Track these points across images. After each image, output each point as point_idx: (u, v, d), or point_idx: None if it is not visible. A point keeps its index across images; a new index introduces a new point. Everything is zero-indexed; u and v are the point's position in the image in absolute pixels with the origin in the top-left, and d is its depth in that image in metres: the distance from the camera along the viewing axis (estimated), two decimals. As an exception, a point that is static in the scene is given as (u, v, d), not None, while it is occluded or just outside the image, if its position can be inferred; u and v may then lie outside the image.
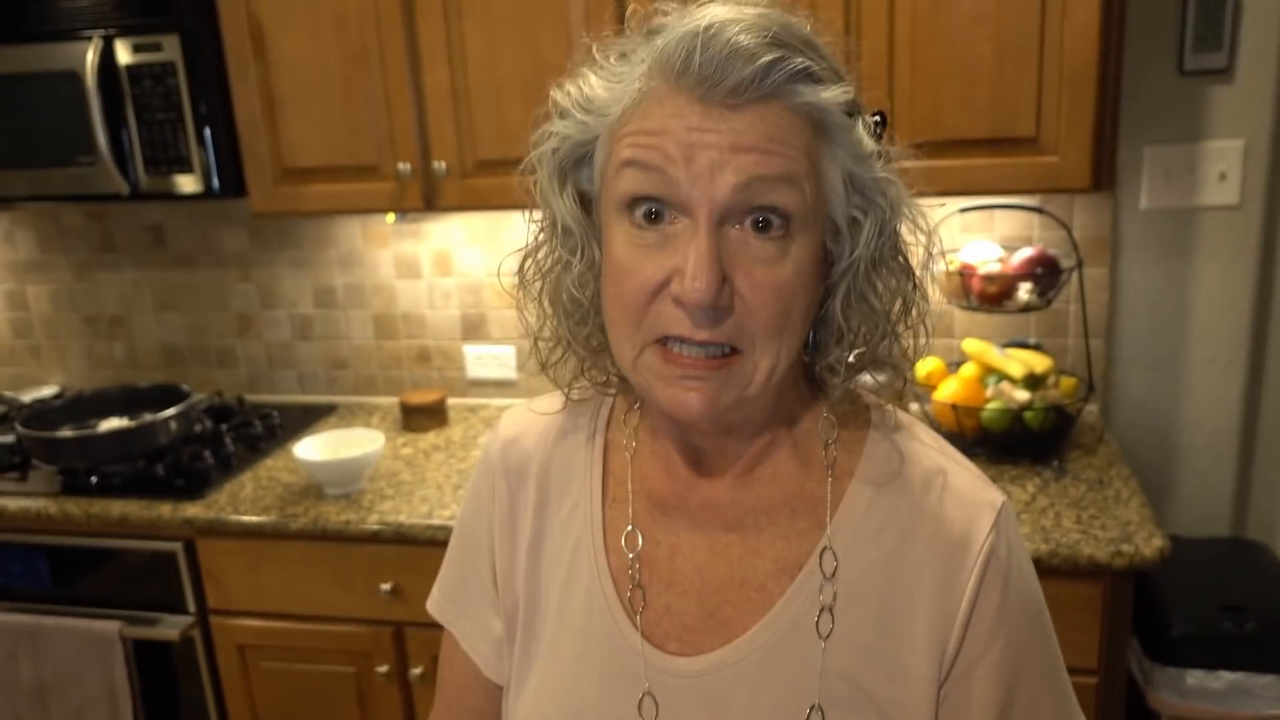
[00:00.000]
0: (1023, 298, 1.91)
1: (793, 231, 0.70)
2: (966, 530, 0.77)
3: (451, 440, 2.22)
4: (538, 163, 0.78)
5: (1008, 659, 0.76)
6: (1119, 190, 2.03)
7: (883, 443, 0.81)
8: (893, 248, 0.75)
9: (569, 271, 0.78)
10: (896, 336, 0.78)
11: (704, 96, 0.68)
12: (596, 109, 0.74)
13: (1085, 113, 1.69)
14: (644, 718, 0.79)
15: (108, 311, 2.62)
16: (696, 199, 0.68)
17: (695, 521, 0.82)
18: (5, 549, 2.05)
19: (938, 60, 1.73)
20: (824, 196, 0.72)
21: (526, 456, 0.89)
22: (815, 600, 0.77)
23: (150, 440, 2.12)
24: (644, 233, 0.71)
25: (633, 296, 0.71)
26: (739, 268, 0.69)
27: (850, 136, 0.72)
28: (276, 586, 1.94)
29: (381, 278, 2.43)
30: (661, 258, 0.70)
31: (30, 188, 2.13)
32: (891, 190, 0.74)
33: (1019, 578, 0.78)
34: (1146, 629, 1.82)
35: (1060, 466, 1.86)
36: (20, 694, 2.05)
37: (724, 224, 0.69)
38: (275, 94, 2.01)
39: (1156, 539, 1.60)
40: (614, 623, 0.82)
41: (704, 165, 0.67)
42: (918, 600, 0.76)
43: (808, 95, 0.69)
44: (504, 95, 1.91)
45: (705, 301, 0.68)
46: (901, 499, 0.79)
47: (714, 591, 0.80)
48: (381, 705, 1.96)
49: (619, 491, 0.86)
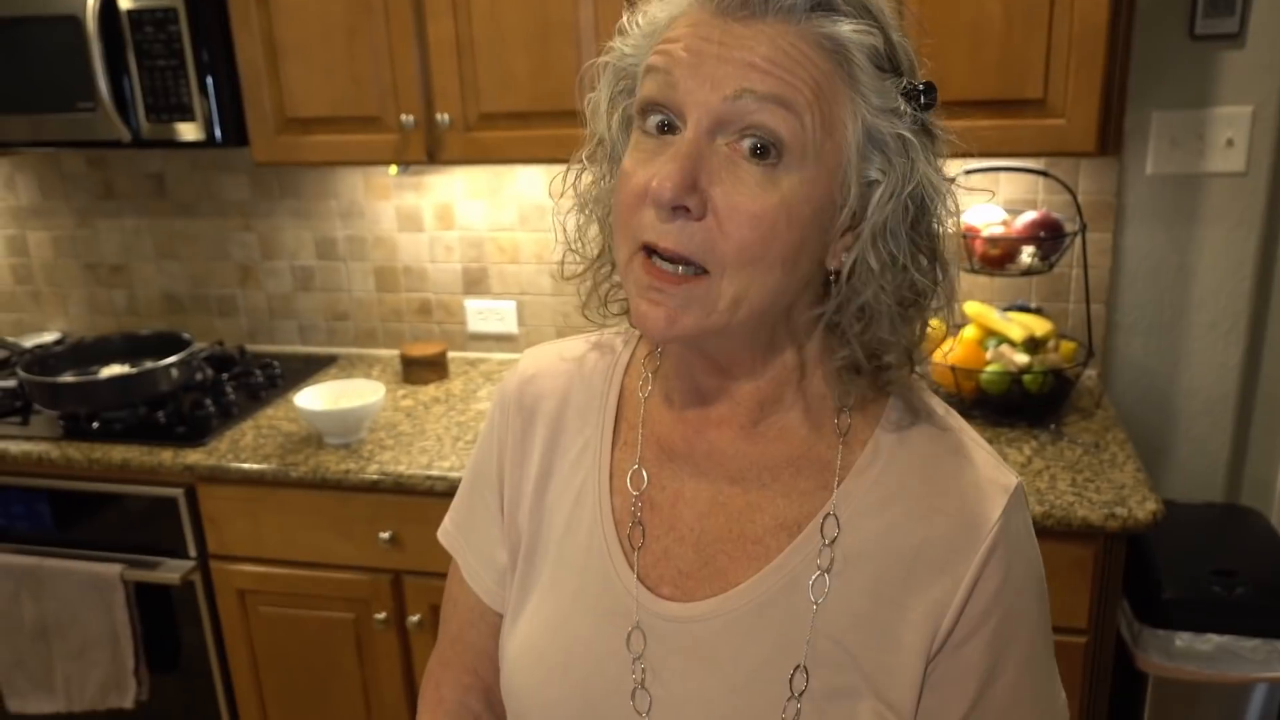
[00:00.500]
0: (1025, 261, 1.91)
1: (786, 163, 0.69)
2: (976, 511, 0.77)
3: (451, 393, 2.23)
4: (599, 73, 0.79)
5: (999, 636, 0.76)
6: (1125, 155, 2.02)
7: (899, 415, 0.81)
8: (913, 223, 0.72)
9: (599, 185, 0.81)
10: (907, 318, 0.75)
11: (723, 9, 0.69)
12: (649, 28, 0.75)
13: (1094, 76, 1.68)
14: (631, 654, 0.80)
15: (109, 259, 2.62)
16: (690, 103, 0.69)
17: (700, 470, 0.83)
18: (7, 492, 2.07)
19: (946, 19, 1.71)
20: (835, 142, 0.70)
21: (541, 395, 0.90)
22: (813, 563, 0.78)
23: (151, 387, 2.13)
24: (649, 140, 0.72)
25: (623, 200, 0.72)
26: (719, 182, 0.69)
27: (877, 86, 0.70)
28: (276, 533, 1.96)
29: (383, 230, 2.43)
30: (653, 163, 0.70)
31: (31, 133, 2.12)
32: (915, 155, 0.71)
33: (1022, 561, 0.78)
34: (1137, 591, 1.84)
35: (1057, 430, 1.87)
36: (23, 634, 2.08)
37: (715, 136, 0.69)
38: (278, 42, 1.99)
39: (1150, 503, 1.61)
40: (611, 564, 0.83)
41: (705, 73, 0.68)
42: (918, 573, 0.76)
43: (824, 25, 0.69)
44: (508, 48, 1.89)
45: (665, 198, 0.68)
46: (912, 473, 0.78)
47: (711, 541, 0.81)
48: (379, 652, 1.99)
49: (630, 435, 0.87)
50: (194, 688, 2.10)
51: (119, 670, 2.05)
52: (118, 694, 2.07)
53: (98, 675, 2.07)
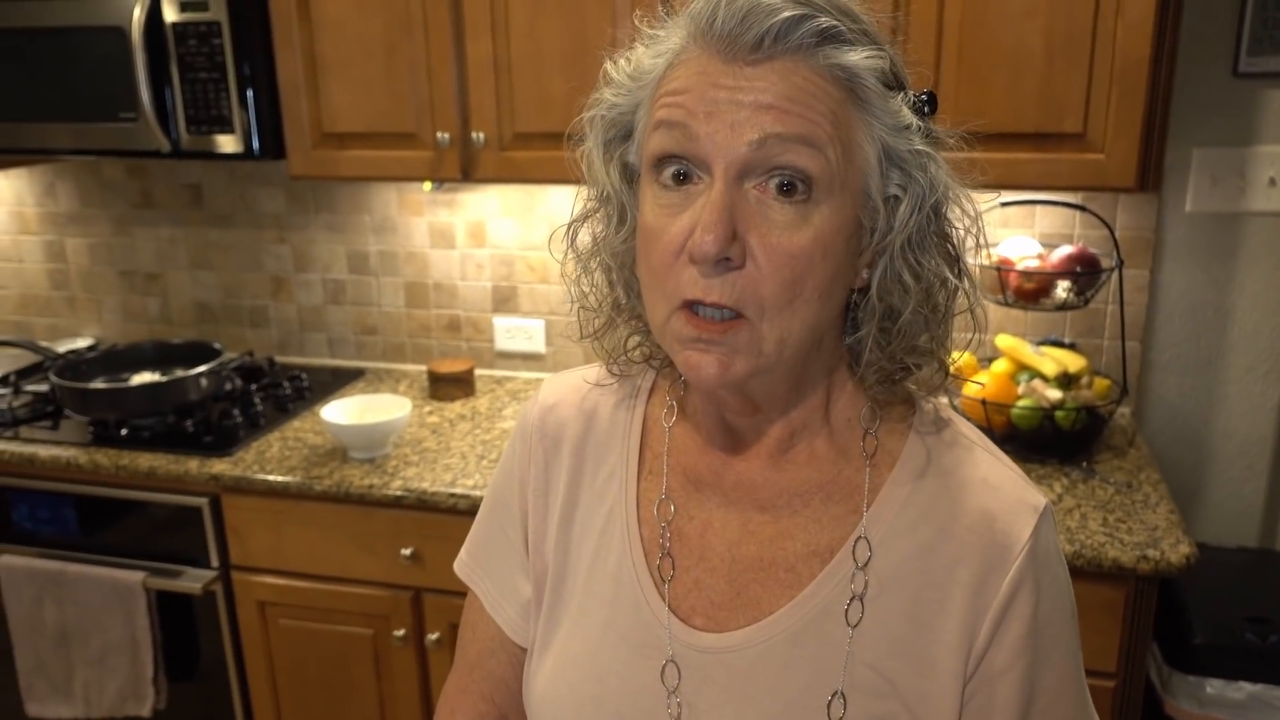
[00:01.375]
0: (1060, 296, 1.88)
1: (816, 197, 0.69)
2: (1006, 530, 0.76)
3: (478, 410, 2.23)
4: (588, 127, 0.79)
5: (1035, 659, 0.76)
6: (1164, 191, 2.00)
7: (925, 435, 0.80)
8: (936, 230, 0.74)
9: (609, 241, 0.79)
10: (937, 324, 0.76)
11: (727, 53, 0.68)
12: (640, 76, 0.75)
13: (1134, 111, 1.67)
14: (666, 687, 0.79)
15: (144, 267, 2.65)
16: (714, 153, 0.68)
17: (729, 499, 0.82)
18: (35, 496, 2.09)
19: (986, 50, 1.70)
20: (856, 168, 0.70)
21: (564, 423, 0.90)
22: (846, 588, 0.77)
23: (181, 396, 2.14)
24: (669, 193, 0.71)
25: (658, 259, 0.71)
26: (754, 228, 0.68)
27: (887, 106, 0.71)
28: (298, 546, 1.96)
29: (415, 246, 2.44)
30: (682, 218, 0.70)
31: (72, 141, 2.14)
32: (932, 167, 0.72)
33: (1054, 583, 0.77)
34: (1167, 635, 1.80)
35: (1089, 468, 1.84)
36: (45, 638, 2.09)
37: (743, 181, 0.69)
38: (318, 57, 2.01)
39: (1184, 546, 1.58)
40: (642, 594, 0.82)
41: (723, 121, 0.68)
42: (951, 595, 0.76)
43: (835, 57, 0.68)
44: (545, 68, 1.90)
45: (712, 254, 0.67)
46: (941, 493, 0.78)
47: (743, 570, 0.80)
48: (396, 668, 1.98)
49: (655, 464, 0.86)
50: (211, 698, 2.10)
51: (138, 678, 2.05)
52: (135, 702, 2.07)
53: (116, 682, 2.07)
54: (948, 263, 0.75)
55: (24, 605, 2.08)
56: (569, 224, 0.83)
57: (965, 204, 0.75)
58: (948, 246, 0.75)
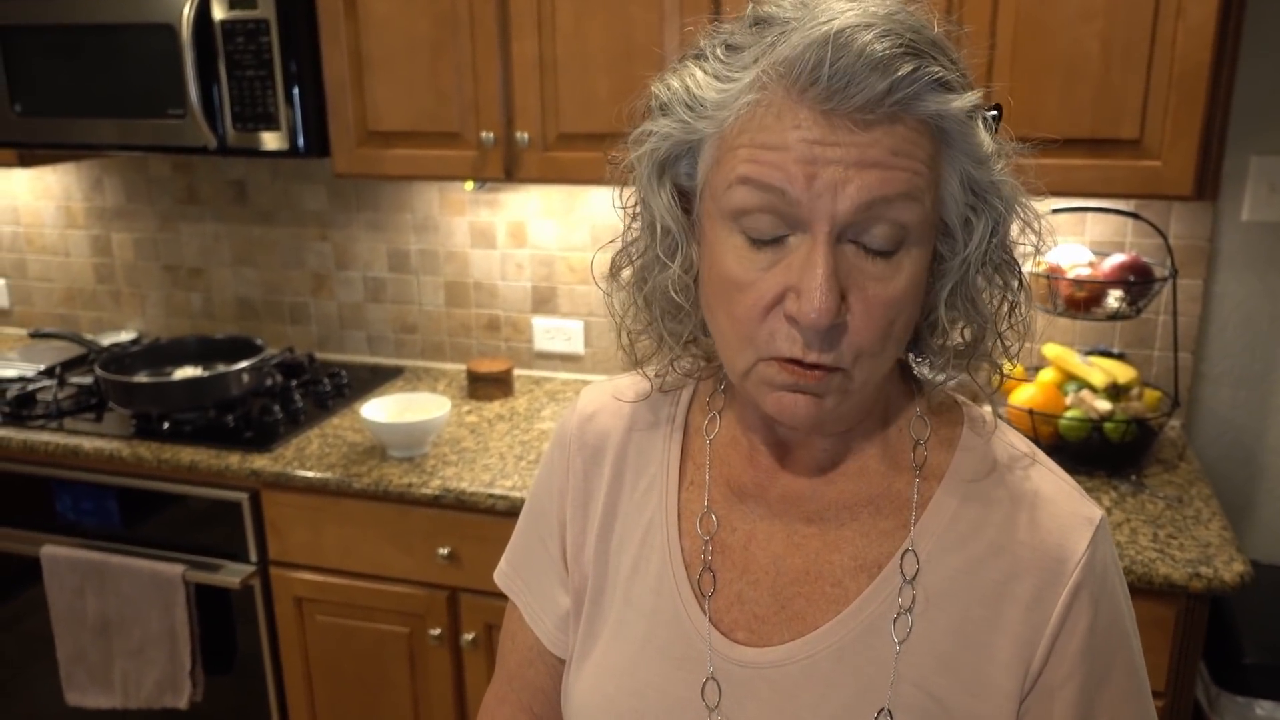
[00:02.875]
0: (1112, 305, 1.85)
1: (908, 244, 0.67)
2: (1061, 544, 0.74)
3: (516, 411, 2.22)
4: (637, 161, 0.74)
5: (1093, 678, 0.74)
6: (1220, 200, 1.95)
7: (976, 446, 0.79)
8: (1002, 246, 0.73)
9: (665, 272, 0.75)
10: (1000, 335, 0.75)
11: (831, 110, 0.63)
12: (704, 110, 0.69)
13: (1193, 117, 1.63)
14: (706, 703, 0.78)
15: (188, 262, 2.67)
16: (817, 216, 0.65)
17: (774, 511, 0.80)
18: (78, 487, 2.11)
19: (1041, 55, 1.67)
20: (941, 201, 0.69)
21: (604, 434, 0.88)
22: (894, 603, 0.75)
23: (222, 391, 2.15)
24: (755, 248, 0.68)
25: (746, 313, 0.69)
26: (854, 285, 0.67)
27: (971, 139, 0.68)
28: (336, 543, 1.97)
29: (456, 245, 2.44)
30: (776, 274, 0.67)
31: (120, 136, 2.16)
32: (1006, 190, 0.70)
33: (1111, 597, 0.76)
34: (1215, 654, 1.76)
35: (1138, 481, 1.80)
36: (85, 628, 2.11)
37: (840, 240, 0.66)
38: (364, 56, 2.02)
39: (1237, 563, 1.54)
40: (682, 606, 0.81)
41: (826, 183, 0.64)
42: (1004, 611, 0.74)
43: (938, 105, 0.65)
44: (590, 69, 1.89)
45: (824, 324, 0.65)
46: (992, 506, 0.76)
47: (788, 583, 0.78)
48: (431, 668, 1.98)
49: (697, 475, 0.84)
50: (247, 692, 2.11)
51: (176, 670, 2.07)
52: (173, 694, 2.08)
53: (154, 674, 2.09)
54: (1011, 276, 0.74)
55: (66, 595, 2.10)
56: (614, 256, 0.80)
57: (1034, 221, 0.73)
58: (1012, 258, 0.74)
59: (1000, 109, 0.72)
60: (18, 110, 2.19)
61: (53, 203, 2.73)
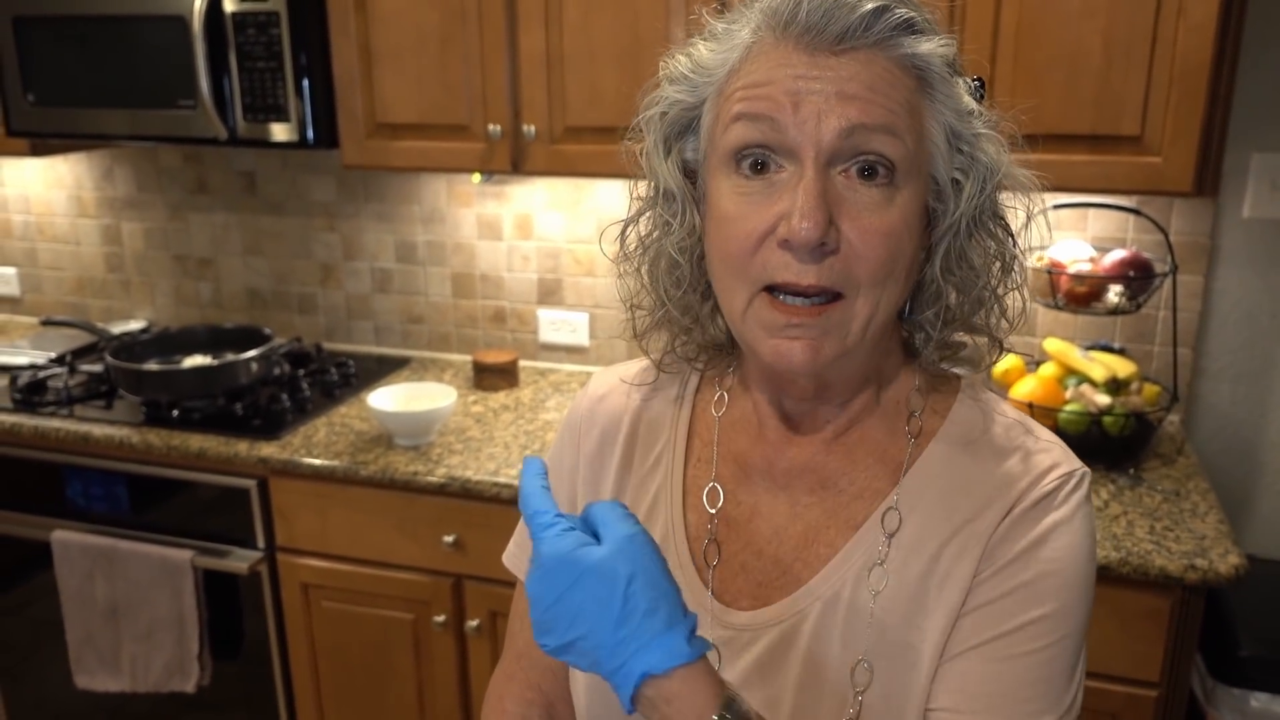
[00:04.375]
0: (1112, 300, 1.86)
1: (898, 181, 0.71)
2: (1031, 484, 0.76)
3: (521, 401, 2.25)
4: (645, 126, 0.79)
5: (1032, 597, 0.73)
6: (1221, 196, 1.97)
7: (967, 411, 0.81)
8: (993, 208, 0.76)
9: (669, 235, 0.80)
10: (997, 300, 0.78)
11: (810, 44, 0.70)
12: (705, 73, 0.76)
13: (1194, 113, 1.64)
14: None
15: (197, 252, 2.69)
16: (803, 143, 0.69)
17: (779, 484, 0.83)
18: (88, 473, 2.13)
19: (1043, 51, 1.69)
20: (926, 151, 0.73)
21: (614, 415, 0.91)
22: (874, 555, 0.78)
23: (231, 379, 2.18)
24: (750, 182, 0.72)
25: (739, 245, 0.72)
26: (845, 213, 0.70)
27: (952, 91, 0.73)
28: (343, 530, 1.99)
29: (462, 237, 2.46)
30: (768, 204, 0.71)
31: (132, 127, 2.19)
32: (992, 148, 0.74)
33: (1070, 539, 0.75)
34: (1211, 646, 1.78)
35: (1136, 475, 1.82)
36: (95, 612, 2.14)
37: (830, 168, 0.70)
38: (373, 49, 2.04)
39: (1233, 556, 1.56)
40: (683, 579, 0.83)
41: (810, 111, 0.69)
42: (969, 545, 0.76)
43: (911, 46, 0.71)
44: (597, 62, 1.91)
45: (813, 240, 0.68)
46: (978, 464, 0.79)
47: (789, 550, 0.81)
48: (436, 654, 2.00)
49: (704, 452, 0.87)
50: (253, 677, 2.14)
51: (184, 654, 2.09)
52: (181, 678, 2.11)
53: (162, 658, 2.12)
54: (1003, 241, 0.77)
55: (76, 579, 2.13)
56: (624, 222, 0.84)
57: (1022, 184, 0.76)
58: (1003, 225, 0.77)
59: (984, 82, 0.77)
60: (31, 100, 2.21)
61: (64, 192, 2.75)
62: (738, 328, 0.76)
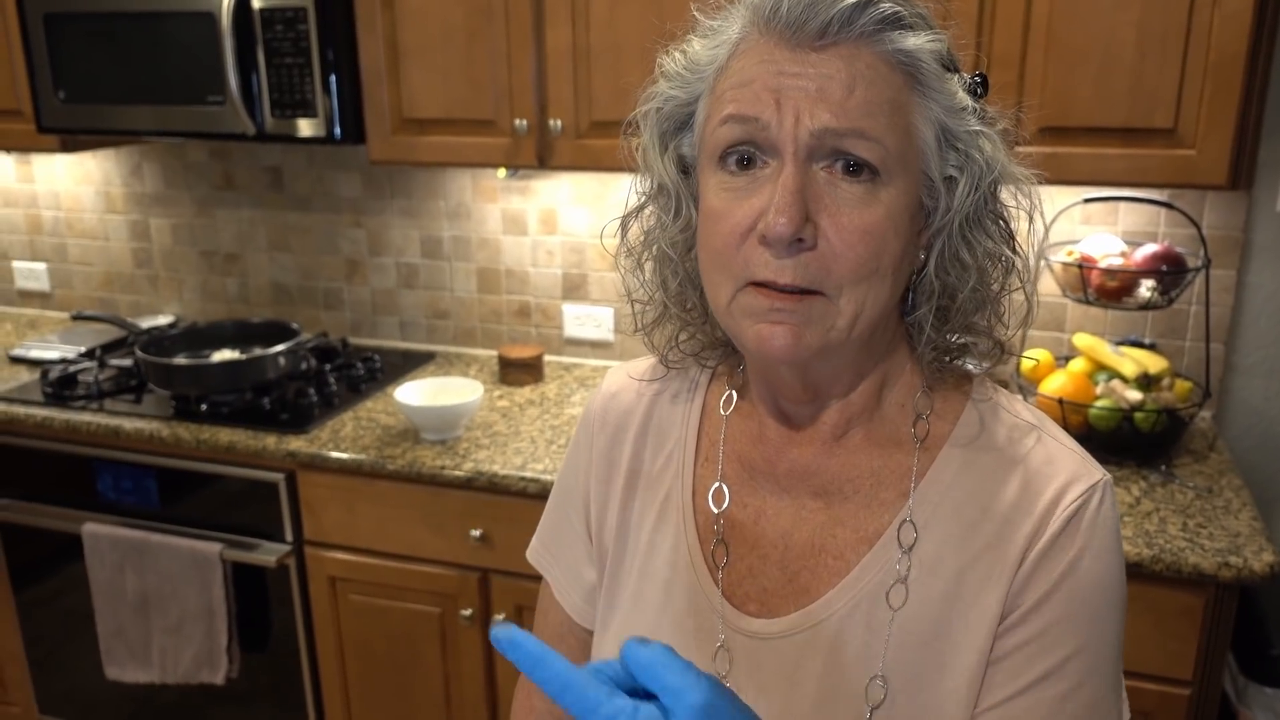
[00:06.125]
0: (1144, 295, 1.84)
1: (882, 178, 0.70)
2: (1053, 499, 0.75)
3: (546, 396, 2.25)
4: (642, 121, 0.80)
5: (1065, 632, 0.73)
6: (1255, 189, 1.94)
7: (978, 416, 0.80)
8: (991, 208, 0.75)
9: (665, 231, 0.80)
10: (994, 302, 0.77)
11: (792, 39, 0.69)
12: (698, 68, 0.76)
13: (1229, 106, 1.62)
14: (718, 671, 0.80)
15: (224, 248, 2.71)
16: (783, 139, 0.69)
17: (782, 487, 0.83)
18: (119, 466, 2.15)
19: (1075, 43, 1.67)
20: (915, 149, 0.72)
21: (626, 412, 0.92)
22: (892, 571, 0.77)
23: (259, 374, 2.19)
24: (735, 178, 0.72)
25: (723, 241, 0.72)
26: (825, 209, 0.69)
27: (944, 88, 0.72)
28: (370, 523, 2.00)
29: (488, 232, 2.46)
30: (750, 201, 0.71)
31: (160, 123, 2.20)
32: (988, 147, 0.73)
33: (1101, 555, 0.74)
34: (1243, 644, 1.76)
35: (1168, 471, 1.80)
36: (125, 604, 2.16)
37: (811, 163, 0.70)
38: (400, 44, 2.04)
39: (1267, 554, 1.54)
40: (696, 579, 0.83)
41: (790, 107, 0.69)
42: (994, 573, 0.75)
43: (898, 42, 0.70)
44: (623, 57, 1.91)
45: (787, 235, 0.68)
46: (990, 473, 0.77)
47: (795, 557, 0.81)
48: (462, 648, 2.01)
49: (711, 452, 0.87)
50: (281, 669, 2.15)
51: (213, 646, 2.11)
52: (210, 669, 2.13)
53: (192, 650, 2.14)
54: (1002, 241, 0.76)
55: (106, 572, 2.15)
56: (622, 217, 0.84)
57: (1021, 183, 0.75)
58: (1002, 225, 0.76)
59: (985, 79, 0.75)
60: (61, 97, 2.23)
61: (92, 188, 2.78)
62: (725, 321, 0.76)
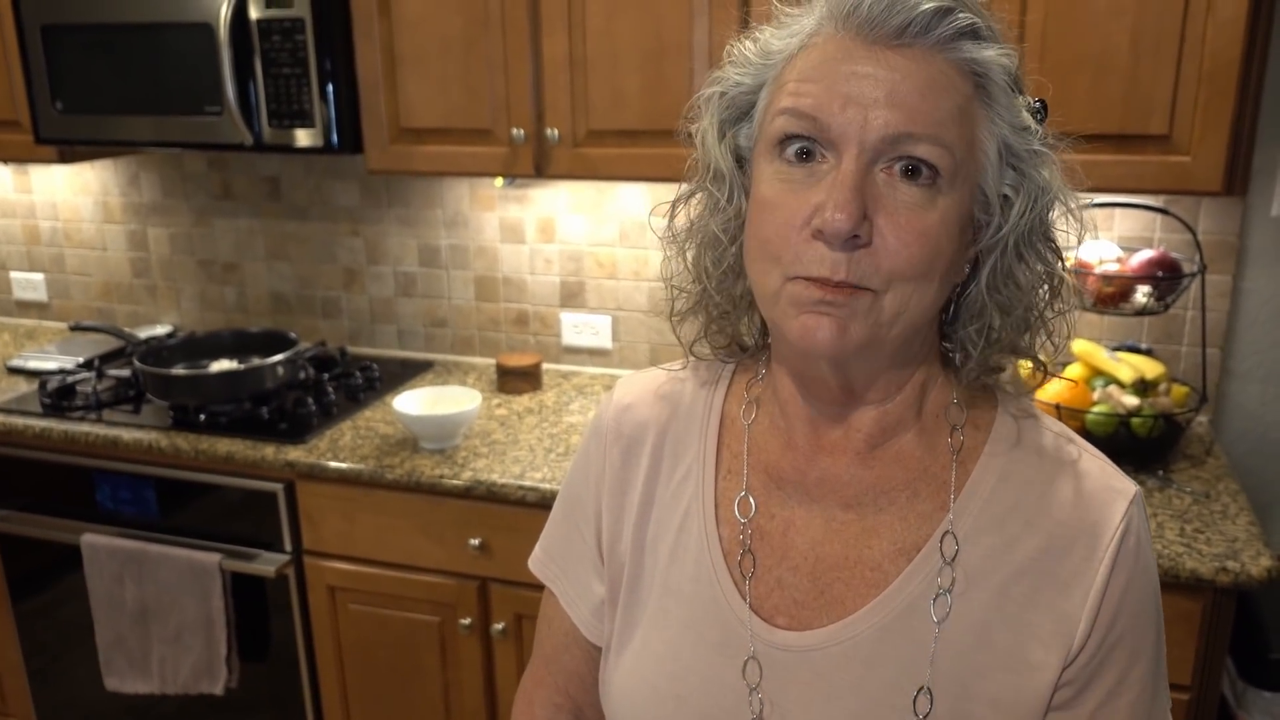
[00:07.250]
0: (1140, 300, 1.85)
1: (941, 185, 0.70)
2: (1098, 520, 0.76)
3: (544, 404, 2.25)
4: (704, 104, 0.80)
5: (1125, 648, 0.76)
6: (1250, 195, 1.95)
7: (1011, 427, 0.80)
8: (1043, 230, 0.75)
9: (715, 215, 0.80)
10: (1043, 323, 0.77)
11: (869, 36, 0.69)
12: (766, 57, 0.76)
13: (1223, 112, 1.63)
14: (748, 683, 0.79)
15: (222, 257, 2.71)
16: (847, 138, 0.69)
17: (811, 497, 0.82)
18: (117, 477, 2.15)
19: (1070, 50, 1.68)
20: (976, 161, 0.72)
21: (641, 424, 0.90)
22: (933, 583, 0.77)
23: (258, 383, 2.19)
24: (792, 169, 0.72)
25: (775, 231, 0.72)
26: (883, 209, 0.69)
27: (1010, 104, 0.72)
28: (369, 533, 2.00)
29: (485, 240, 2.47)
30: (807, 194, 0.70)
31: (158, 133, 2.20)
32: (1046, 170, 0.73)
33: (1145, 572, 0.78)
34: (1242, 649, 1.76)
35: (1165, 476, 1.81)
36: (124, 615, 2.15)
37: (873, 165, 0.69)
38: (397, 54, 2.05)
39: (1264, 558, 1.55)
40: (721, 593, 0.82)
41: (857, 110, 0.68)
42: (1042, 588, 0.76)
43: (971, 52, 0.70)
44: (620, 66, 1.91)
45: (844, 231, 0.67)
46: (1028, 485, 0.78)
47: (827, 569, 0.80)
48: (462, 657, 2.01)
49: (734, 464, 0.86)
50: (280, 679, 2.15)
51: (212, 656, 2.11)
52: (209, 680, 2.13)
53: (191, 660, 2.13)
54: (1052, 258, 0.76)
55: (105, 583, 2.15)
56: (673, 201, 0.83)
57: (1074, 207, 0.75)
58: (1053, 247, 0.76)
59: (1045, 104, 0.76)
60: (59, 108, 2.24)
61: (90, 198, 2.78)
62: (769, 310, 0.75)
